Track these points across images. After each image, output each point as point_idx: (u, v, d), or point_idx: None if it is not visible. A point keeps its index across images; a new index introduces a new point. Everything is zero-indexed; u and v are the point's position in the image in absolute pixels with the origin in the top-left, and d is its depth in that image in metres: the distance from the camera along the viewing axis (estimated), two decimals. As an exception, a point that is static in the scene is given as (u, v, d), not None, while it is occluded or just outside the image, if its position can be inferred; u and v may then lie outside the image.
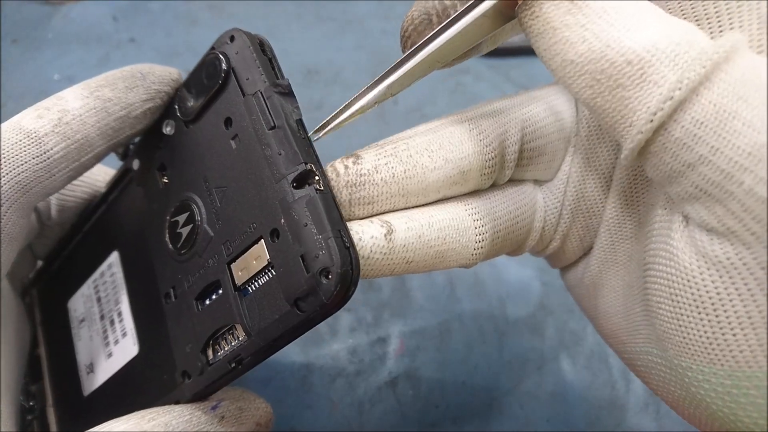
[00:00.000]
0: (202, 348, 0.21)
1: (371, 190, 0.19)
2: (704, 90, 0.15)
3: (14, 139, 0.22)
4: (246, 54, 0.21)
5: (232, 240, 0.21)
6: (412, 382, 0.35)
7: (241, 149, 0.21)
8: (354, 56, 0.57)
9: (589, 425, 0.33)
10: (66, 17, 0.61)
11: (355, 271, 0.18)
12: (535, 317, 0.38)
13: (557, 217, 0.23)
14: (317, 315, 0.18)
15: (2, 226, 0.22)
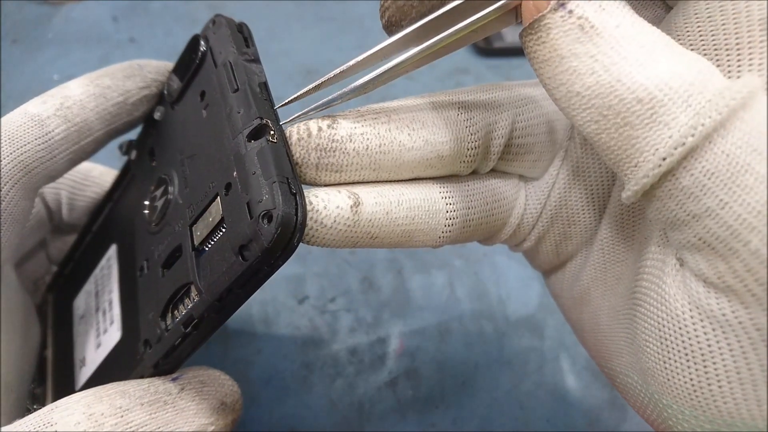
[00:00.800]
0: (161, 313, 0.21)
1: (341, 158, 0.19)
2: (718, 138, 0.14)
3: (19, 122, 0.23)
4: (223, 33, 0.22)
5: (195, 203, 0.21)
6: (412, 382, 0.35)
7: (209, 116, 0.21)
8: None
9: (589, 425, 0.33)
10: (66, 17, 0.61)
11: (299, 218, 0.17)
12: (535, 317, 0.38)
13: (536, 217, 0.23)
14: (261, 262, 0.17)
15: (3, 206, 0.22)
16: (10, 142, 0.22)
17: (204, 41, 0.23)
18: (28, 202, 0.24)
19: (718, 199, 0.14)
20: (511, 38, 0.57)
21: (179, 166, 0.23)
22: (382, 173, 0.19)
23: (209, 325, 0.19)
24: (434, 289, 0.39)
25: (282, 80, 0.54)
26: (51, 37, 0.59)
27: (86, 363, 0.26)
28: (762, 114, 0.14)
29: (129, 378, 0.21)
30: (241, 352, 0.36)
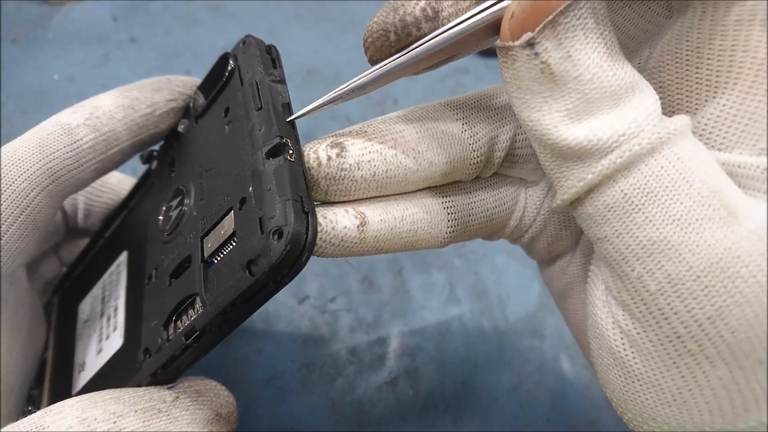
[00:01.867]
0: (165, 322, 0.21)
1: (349, 185, 0.19)
2: (621, 178, 0.16)
3: (49, 130, 0.23)
4: (251, 53, 0.22)
5: (209, 215, 0.21)
6: (412, 382, 0.35)
7: (231, 131, 0.22)
8: (354, 56, 0.57)
9: (589, 425, 0.33)
10: (66, 17, 0.61)
11: (309, 237, 0.17)
12: (535, 317, 0.38)
13: (533, 219, 0.23)
14: (267, 278, 0.17)
15: (29, 211, 0.23)
16: (40, 149, 0.23)
17: (233, 59, 0.23)
18: (52, 210, 0.24)
19: (614, 228, 0.16)
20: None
21: (197, 178, 0.23)
22: (387, 192, 0.20)
23: (211, 338, 0.19)
24: (434, 289, 0.39)
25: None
26: (51, 37, 0.59)
27: (85, 368, 0.26)
28: (671, 157, 0.16)
29: (126, 386, 0.21)
30: (241, 352, 0.36)
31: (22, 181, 0.22)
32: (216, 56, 0.24)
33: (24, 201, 0.22)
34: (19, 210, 0.22)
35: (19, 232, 0.23)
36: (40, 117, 0.23)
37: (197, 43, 0.57)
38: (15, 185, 0.22)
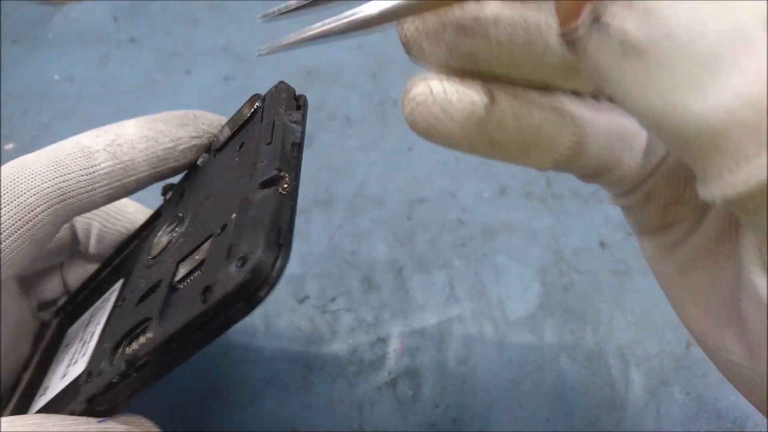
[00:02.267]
0: (115, 345, 0.20)
1: (479, 45, 0.16)
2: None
3: (68, 150, 0.23)
4: (279, 95, 0.23)
5: (192, 241, 0.21)
6: (412, 382, 0.35)
7: (239, 163, 0.22)
8: (354, 57, 0.57)
9: (589, 425, 0.33)
10: (66, 17, 0.61)
11: (275, 272, 0.16)
12: (535, 317, 0.38)
13: (652, 169, 0.20)
14: (218, 308, 0.16)
15: (31, 226, 0.23)
16: (56, 167, 0.23)
17: (260, 101, 0.24)
18: (55, 228, 0.24)
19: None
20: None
21: (197, 206, 0.23)
22: (515, 74, 0.17)
23: (152, 369, 0.18)
24: (434, 289, 0.39)
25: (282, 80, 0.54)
26: (51, 37, 0.59)
27: (47, 392, 0.25)
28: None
29: (63, 411, 0.20)
30: (241, 352, 0.36)
31: (30, 195, 0.22)
32: (216, 56, 0.24)
33: (28, 215, 0.22)
34: (21, 222, 0.22)
35: (16, 244, 0.22)
36: (40, 117, 0.23)
37: (197, 43, 0.57)
38: (23, 198, 0.22)
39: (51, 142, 0.24)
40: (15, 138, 0.49)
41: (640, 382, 0.34)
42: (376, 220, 0.43)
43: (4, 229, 0.22)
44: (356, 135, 0.49)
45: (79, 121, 0.50)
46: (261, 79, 0.54)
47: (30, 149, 0.24)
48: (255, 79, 0.54)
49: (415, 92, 0.16)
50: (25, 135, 0.49)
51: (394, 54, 0.57)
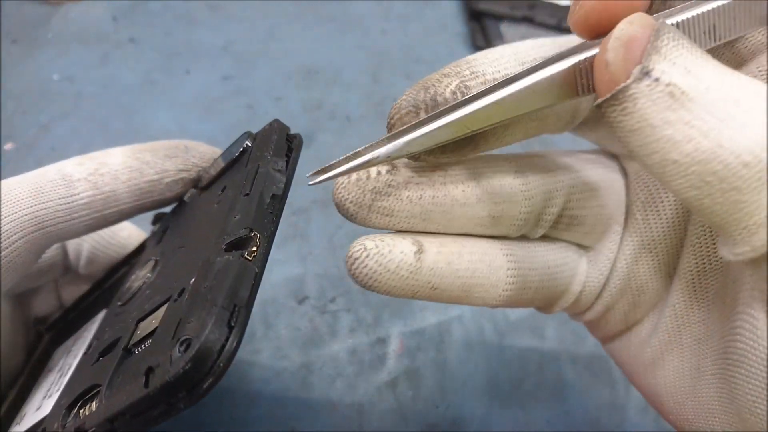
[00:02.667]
0: (69, 405, 0.19)
1: (394, 204, 0.19)
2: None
3: (49, 177, 0.23)
4: (270, 137, 0.21)
5: (155, 297, 0.19)
6: (412, 382, 0.35)
7: (215, 212, 0.20)
8: (354, 56, 0.57)
9: (589, 425, 0.33)
10: (66, 17, 0.61)
11: (222, 359, 0.14)
12: (535, 317, 0.38)
13: (600, 287, 0.22)
14: (160, 396, 0.14)
15: (5, 254, 0.22)
16: (35, 195, 0.22)
17: (250, 140, 0.22)
18: (33, 255, 0.24)
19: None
20: (511, 38, 0.57)
21: (172, 254, 0.22)
22: (431, 225, 0.19)
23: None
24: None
25: (282, 80, 0.54)
26: (51, 37, 0.59)
27: (22, 421, 0.24)
28: None
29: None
30: (241, 352, 0.36)
31: (8, 222, 0.22)
32: (215, 56, 0.24)
33: (5, 241, 0.22)
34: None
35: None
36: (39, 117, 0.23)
37: (197, 43, 0.57)
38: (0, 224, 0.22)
39: (50, 142, 0.23)
40: (14, 138, 0.48)
41: (640, 382, 0.34)
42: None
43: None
44: (356, 134, 0.49)
45: (78, 121, 0.50)
46: (260, 79, 0.54)
47: (29, 149, 0.23)
48: (254, 79, 0.54)
49: (352, 251, 0.18)
50: (25, 135, 0.49)
51: (393, 54, 0.57)
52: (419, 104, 0.18)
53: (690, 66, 0.14)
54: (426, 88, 0.18)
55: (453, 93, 0.18)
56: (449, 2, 0.63)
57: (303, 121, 0.50)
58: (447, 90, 0.18)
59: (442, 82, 0.18)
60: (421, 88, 0.18)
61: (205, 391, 0.14)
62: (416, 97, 0.18)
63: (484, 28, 0.58)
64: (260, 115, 0.51)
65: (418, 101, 0.18)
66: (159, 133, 0.50)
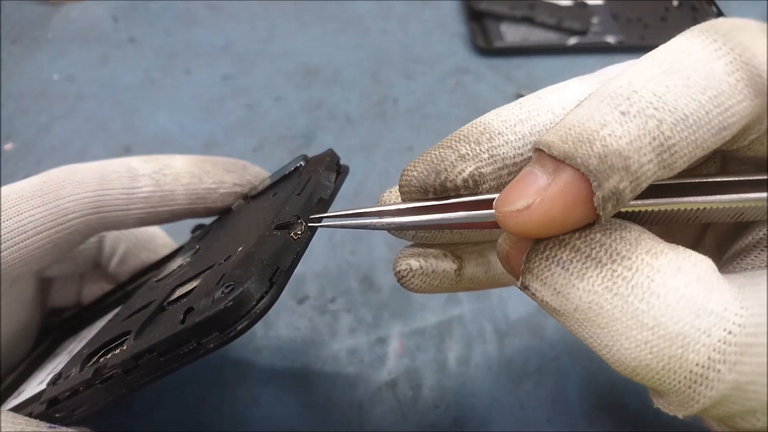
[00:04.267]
0: (92, 353, 0.19)
1: (436, 235, 0.20)
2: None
3: (116, 168, 0.25)
4: (323, 158, 0.23)
5: (196, 267, 0.21)
6: (412, 383, 0.35)
7: (268, 206, 0.22)
8: (354, 56, 0.57)
9: (589, 425, 0.33)
10: (66, 17, 0.61)
11: (260, 306, 0.16)
12: (535, 317, 0.38)
13: None
14: (192, 333, 0.15)
15: (61, 228, 0.23)
16: (100, 181, 0.24)
17: (303, 160, 0.25)
18: (81, 237, 0.25)
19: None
20: (511, 38, 0.57)
21: (216, 241, 0.23)
22: (474, 239, 0.21)
23: (116, 384, 0.18)
24: (434, 289, 0.39)
25: (282, 80, 0.54)
26: (51, 37, 0.59)
27: (20, 395, 0.25)
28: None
29: (23, 410, 0.20)
30: (241, 352, 0.36)
31: (69, 201, 0.23)
32: (215, 56, 0.24)
33: (61, 218, 0.23)
34: (53, 223, 0.23)
35: (43, 242, 0.23)
36: (39, 117, 0.23)
37: (197, 43, 0.57)
38: (62, 201, 0.23)
39: (50, 142, 0.24)
40: (14, 138, 0.48)
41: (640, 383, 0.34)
42: (376, 219, 0.43)
43: (36, 224, 0.23)
44: (356, 134, 0.49)
45: (78, 121, 0.50)
46: (260, 79, 0.54)
47: (29, 149, 0.24)
48: (254, 79, 0.54)
49: (399, 269, 0.20)
50: (25, 135, 0.49)
51: (393, 54, 0.57)
52: (428, 188, 0.18)
53: (559, 286, 0.15)
54: (438, 173, 0.18)
55: (465, 181, 0.17)
56: (449, 2, 0.63)
57: (303, 121, 0.50)
58: (459, 178, 0.17)
59: (456, 168, 0.17)
60: (433, 170, 0.18)
61: (238, 333, 0.15)
62: (426, 180, 0.18)
63: (484, 28, 0.58)
64: (260, 115, 0.51)
65: (428, 185, 0.18)
66: (159, 133, 0.50)
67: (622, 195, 0.14)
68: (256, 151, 0.48)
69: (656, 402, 0.17)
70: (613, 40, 0.56)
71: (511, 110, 0.18)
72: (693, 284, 0.14)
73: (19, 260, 0.23)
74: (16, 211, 0.23)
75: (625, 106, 0.14)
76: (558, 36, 0.56)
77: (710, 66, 0.14)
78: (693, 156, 0.15)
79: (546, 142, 0.15)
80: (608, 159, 0.14)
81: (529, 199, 0.15)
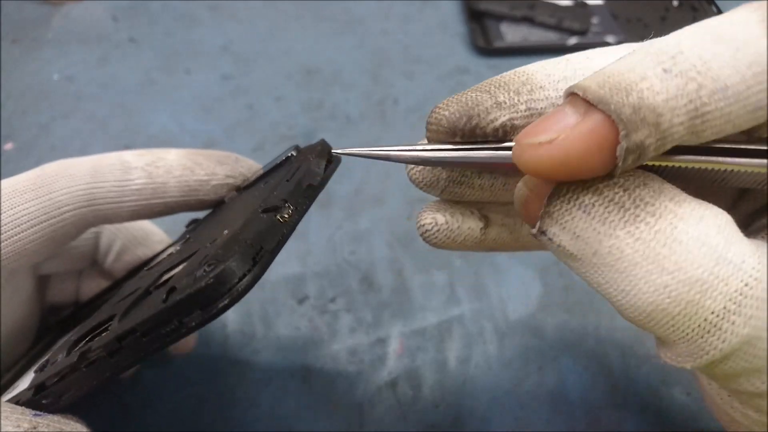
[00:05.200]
0: (78, 338, 0.19)
1: (465, 191, 0.20)
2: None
3: (109, 161, 0.25)
4: (314, 148, 0.23)
5: (184, 253, 0.21)
6: (412, 382, 0.35)
7: (256, 196, 0.22)
8: (354, 56, 0.57)
9: (589, 425, 0.33)
10: (66, 17, 0.61)
11: (242, 285, 0.16)
12: (535, 317, 0.38)
13: None
14: (174, 311, 0.16)
15: (54, 222, 0.23)
16: (93, 173, 0.24)
17: (295, 150, 0.25)
18: (75, 230, 0.25)
19: None
20: (511, 38, 0.57)
21: (205, 229, 0.23)
22: (500, 200, 0.20)
23: (100, 367, 0.17)
24: (434, 289, 0.39)
25: (282, 80, 0.54)
26: (51, 37, 0.59)
27: (14, 390, 0.24)
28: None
29: (7, 398, 0.20)
30: (241, 352, 0.36)
31: (62, 194, 0.23)
32: (215, 56, 0.24)
33: (55, 211, 0.23)
34: (46, 216, 0.23)
35: (37, 236, 0.23)
36: (39, 117, 0.23)
37: (197, 43, 0.57)
38: (54, 195, 0.23)
39: (50, 142, 0.24)
40: (14, 138, 0.48)
41: (641, 383, 0.34)
42: (375, 220, 0.43)
43: (29, 218, 0.23)
44: (356, 134, 0.49)
45: (78, 121, 0.50)
46: (260, 79, 0.54)
47: (29, 149, 0.24)
48: (254, 79, 0.54)
49: (423, 222, 0.20)
50: (25, 135, 0.49)
51: (393, 54, 0.57)
52: (456, 131, 0.18)
53: (579, 230, 0.15)
54: (470, 117, 0.17)
55: (495, 130, 0.17)
56: (449, 2, 0.63)
57: (303, 121, 0.50)
58: (490, 126, 0.17)
59: (490, 115, 0.17)
60: (466, 113, 0.17)
61: (219, 310, 0.15)
62: (456, 123, 0.17)
63: (484, 28, 0.58)
64: (260, 115, 0.51)
65: (457, 128, 0.17)
66: (159, 133, 0.50)
67: (646, 150, 0.14)
68: (256, 151, 0.48)
69: (663, 354, 0.17)
70: (613, 40, 0.56)
71: (557, 65, 0.18)
72: (714, 233, 0.15)
73: (14, 253, 0.23)
74: (10, 204, 0.23)
75: (668, 64, 0.14)
76: (558, 36, 0.56)
77: (760, 43, 0.14)
78: (722, 130, 0.15)
79: (582, 86, 0.15)
80: (641, 111, 0.14)
81: (554, 134, 0.15)
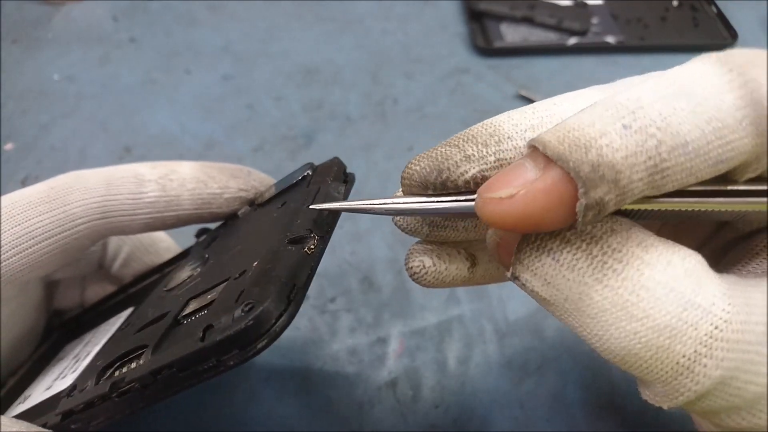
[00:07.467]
0: (107, 365, 0.20)
1: (450, 233, 0.20)
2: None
3: (123, 174, 0.25)
4: (330, 168, 0.23)
5: (209, 280, 0.21)
6: (412, 382, 0.35)
7: (277, 218, 0.22)
8: (354, 56, 0.57)
9: (589, 425, 0.33)
10: (66, 17, 0.61)
11: (278, 325, 0.16)
12: (535, 317, 0.38)
13: None
14: (213, 351, 0.16)
15: (68, 234, 0.23)
16: (107, 186, 0.24)
17: (311, 169, 0.25)
18: (89, 241, 0.25)
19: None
20: (511, 38, 0.57)
21: (225, 251, 0.23)
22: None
23: (133, 398, 0.18)
24: (434, 290, 0.39)
25: (282, 80, 0.54)
26: (51, 37, 0.59)
27: (26, 400, 0.25)
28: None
29: (35, 421, 0.20)
30: (241, 352, 0.36)
31: (76, 207, 0.23)
32: (215, 56, 0.24)
33: (69, 224, 0.23)
34: (61, 228, 0.23)
35: (51, 248, 0.23)
36: (39, 117, 0.23)
37: (197, 43, 0.57)
38: (68, 207, 0.23)
39: (50, 142, 0.24)
40: (14, 138, 0.48)
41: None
42: (376, 219, 0.43)
43: (44, 231, 0.23)
44: (356, 134, 0.49)
45: (78, 121, 0.50)
46: (260, 79, 0.54)
47: (30, 149, 0.24)
48: (254, 79, 0.54)
49: (411, 265, 0.20)
50: (25, 135, 0.49)
51: (393, 54, 0.57)
52: (428, 184, 0.18)
53: (549, 277, 0.16)
54: (440, 171, 0.17)
55: (466, 183, 0.17)
56: (449, 2, 0.63)
57: (303, 121, 0.50)
58: (461, 179, 0.17)
59: (459, 168, 0.17)
60: (436, 168, 0.17)
61: (257, 351, 0.16)
62: (427, 177, 0.18)
63: (484, 28, 0.58)
64: (260, 115, 0.51)
65: (428, 182, 0.18)
66: (159, 133, 0.50)
67: (605, 206, 0.14)
68: (256, 151, 0.48)
69: (643, 393, 0.17)
70: (612, 41, 0.56)
71: (524, 114, 0.18)
72: (682, 278, 0.15)
73: (28, 266, 0.23)
74: (24, 217, 0.23)
75: (628, 120, 0.14)
76: (558, 36, 0.56)
77: (720, 98, 0.14)
78: (684, 182, 0.15)
79: (542, 140, 0.15)
80: (600, 169, 0.14)
81: (513, 189, 0.15)
